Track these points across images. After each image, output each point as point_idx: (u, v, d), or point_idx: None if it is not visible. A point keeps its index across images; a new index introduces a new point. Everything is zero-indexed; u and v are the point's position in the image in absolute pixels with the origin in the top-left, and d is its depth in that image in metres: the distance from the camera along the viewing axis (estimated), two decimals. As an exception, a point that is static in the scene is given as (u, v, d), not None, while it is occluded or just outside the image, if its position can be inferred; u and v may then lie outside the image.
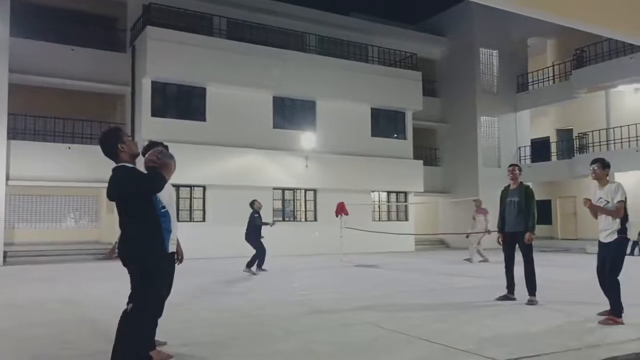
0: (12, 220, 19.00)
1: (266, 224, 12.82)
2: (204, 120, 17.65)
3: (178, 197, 17.15)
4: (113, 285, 9.83)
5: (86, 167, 16.83)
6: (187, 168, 16.76)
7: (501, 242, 7.51)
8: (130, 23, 18.44)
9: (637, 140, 19.32)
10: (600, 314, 6.17)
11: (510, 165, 7.64)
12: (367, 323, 5.96)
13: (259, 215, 12.55)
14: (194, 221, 17.18)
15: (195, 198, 17.39)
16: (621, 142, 19.92)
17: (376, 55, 21.98)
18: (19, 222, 20.00)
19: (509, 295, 7.50)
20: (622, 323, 5.75)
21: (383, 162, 20.46)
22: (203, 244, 16.53)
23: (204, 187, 17.37)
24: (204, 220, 17.39)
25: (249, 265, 11.77)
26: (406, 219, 21.59)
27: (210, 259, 15.33)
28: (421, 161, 21.80)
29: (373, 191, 20.87)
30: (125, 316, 3.79)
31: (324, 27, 21.05)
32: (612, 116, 21.12)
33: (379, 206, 21.19)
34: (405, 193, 21.56)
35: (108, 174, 3.93)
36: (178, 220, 5.10)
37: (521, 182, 7.51)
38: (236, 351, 4.74)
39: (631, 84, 20.36)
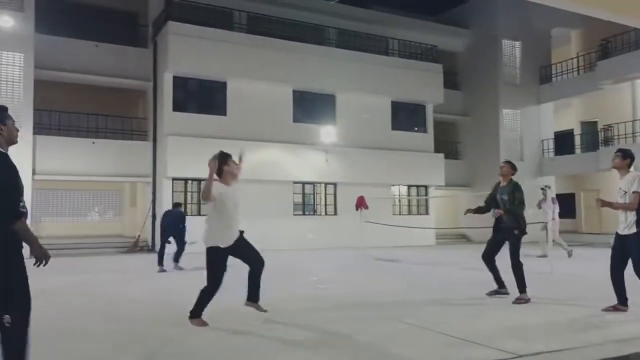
0: (38, 214, 19.45)
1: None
2: (225, 114, 17.77)
3: (199, 191, 17.31)
4: (133, 278, 10.01)
5: (110, 161, 17.10)
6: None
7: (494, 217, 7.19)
8: (151, 18, 18.62)
9: (664, 132, 18.86)
10: (605, 309, 6.07)
11: (502, 162, 7.45)
12: (389, 317, 5.95)
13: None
14: (201, 215, 17.25)
15: (216, 192, 17.51)
16: (648, 135, 19.47)
17: (396, 48, 21.82)
18: (44, 216, 20.44)
19: (499, 289, 7.25)
20: None
21: (403, 156, 20.35)
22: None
23: (225, 181, 17.47)
24: (224, 213, 17.48)
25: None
26: (427, 213, 21.46)
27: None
28: (442, 154, 21.62)
29: (393, 185, 20.78)
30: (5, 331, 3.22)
31: (343, 20, 20.96)
32: (638, 108, 20.66)
33: (399, 200, 21.10)
34: (426, 187, 21.43)
35: (132, 168, 3.96)
36: (199, 214, 5.25)
37: (511, 179, 7.25)
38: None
39: (659, 74, 19.88)
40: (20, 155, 15.32)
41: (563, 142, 23.63)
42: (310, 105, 19.40)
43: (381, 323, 5.67)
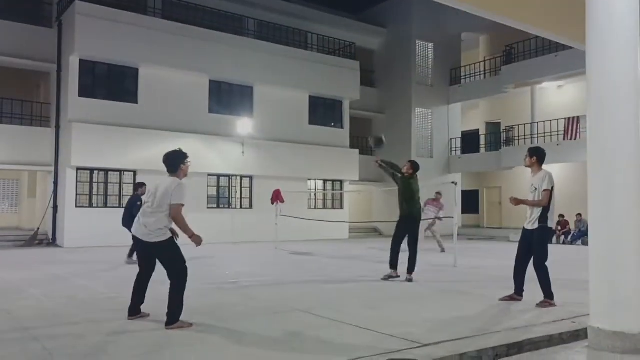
0: None
1: None
2: (136, 102, 17.00)
3: (107, 182, 16.47)
4: (28, 274, 9.34)
5: (6, 148, 15.82)
6: (117, 152, 16.12)
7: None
8: (56, -4, 17.42)
9: (558, 134, 20.44)
10: (502, 299, 6.49)
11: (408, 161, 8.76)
12: (298, 310, 5.97)
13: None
14: (123, 207, 16.50)
15: (126, 183, 16.75)
16: (544, 136, 21.01)
17: (315, 42, 21.95)
18: None
19: (392, 275, 8.37)
20: (555, 305, 6.08)
21: (320, 150, 20.54)
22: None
23: (135, 172, 16.76)
24: (134, 206, 16.77)
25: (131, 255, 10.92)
26: (341, 207, 21.83)
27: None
28: (357, 150, 22.05)
29: (309, 179, 20.93)
30: None
31: (263, 11, 20.76)
32: (536, 111, 22.25)
33: (314, 194, 21.30)
34: (341, 181, 21.79)
35: (31, 155, 3.65)
36: (106, 206, 4.94)
37: (411, 174, 8.55)
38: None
39: (555, 81, 21.48)
40: None
41: (470, 141, 24.96)
42: (227, 96, 19.04)
43: (292, 317, 5.68)
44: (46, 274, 9.41)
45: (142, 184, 11.36)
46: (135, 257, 10.64)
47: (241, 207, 19.20)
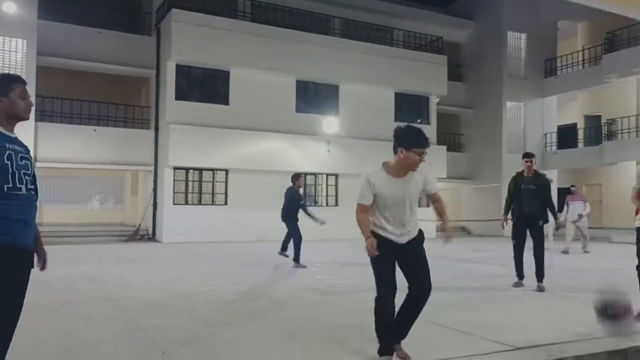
0: (40, 202, 19.40)
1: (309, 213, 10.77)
2: (227, 103, 17.71)
3: (201, 180, 17.33)
4: (130, 266, 10.03)
5: (111, 149, 17.08)
6: (210, 151, 16.89)
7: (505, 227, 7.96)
8: (155, 6, 18.53)
9: (669, 127, 18.78)
10: None
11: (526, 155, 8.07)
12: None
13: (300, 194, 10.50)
14: (215, 204, 17.34)
15: (218, 182, 17.53)
16: (652, 129, 19.40)
17: (401, 38, 21.70)
18: (46, 203, 20.46)
19: (521, 281, 7.62)
20: None
21: (406, 148, 20.26)
22: (224, 228, 16.72)
23: (227, 171, 17.49)
24: (225, 203, 17.53)
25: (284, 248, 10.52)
26: (428, 205, 21.34)
27: (230, 243, 15.51)
28: (444, 147, 21.54)
29: (395, 176, 20.72)
30: None
31: (348, 10, 20.83)
32: (643, 102, 20.59)
33: (401, 192, 21.04)
34: (428, 179, 21.37)
35: (133, 156, 3.92)
36: (200, 204, 5.08)
37: (536, 171, 7.92)
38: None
39: (665, 69, 19.74)
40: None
41: (566, 136, 23.55)
42: (313, 96, 19.33)
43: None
44: (146, 267, 10.08)
45: (299, 175, 10.35)
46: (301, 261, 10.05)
47: (327, 205, 19.41)
